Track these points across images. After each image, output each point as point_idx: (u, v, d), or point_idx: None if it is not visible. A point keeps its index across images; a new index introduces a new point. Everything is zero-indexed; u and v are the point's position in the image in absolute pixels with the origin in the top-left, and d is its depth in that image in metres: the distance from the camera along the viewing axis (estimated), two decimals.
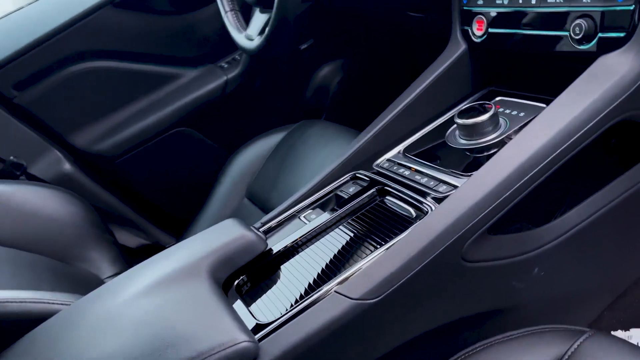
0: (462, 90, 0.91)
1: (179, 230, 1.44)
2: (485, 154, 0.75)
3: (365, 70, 1.67)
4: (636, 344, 0.76)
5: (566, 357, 0.59)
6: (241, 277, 0.71)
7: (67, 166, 1.41)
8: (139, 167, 1.46)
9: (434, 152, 0.82)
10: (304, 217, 0.80)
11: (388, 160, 0.85)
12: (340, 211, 0.77)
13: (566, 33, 0.72)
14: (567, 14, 0.72)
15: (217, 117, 1.52)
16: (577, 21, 0.70)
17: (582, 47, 0.70)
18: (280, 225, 0.81)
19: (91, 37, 1.37)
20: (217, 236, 0.73)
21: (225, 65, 1.52)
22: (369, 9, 1.15)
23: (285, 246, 0.75)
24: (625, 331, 0.79)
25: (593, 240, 0.73)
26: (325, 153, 1.19)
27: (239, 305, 0.68)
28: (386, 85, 1.73)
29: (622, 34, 0.66)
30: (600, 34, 0.68)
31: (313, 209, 0.82)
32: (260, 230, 0.80)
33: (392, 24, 1.41)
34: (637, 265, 0.78)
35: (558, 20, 0.73)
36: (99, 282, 1.20)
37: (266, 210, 1.25)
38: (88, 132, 1.42)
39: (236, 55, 1.54)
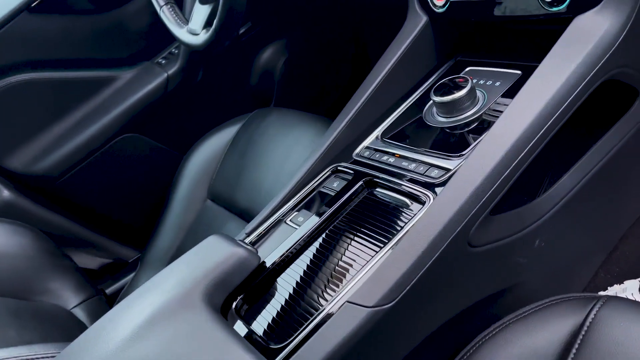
0: (428, 64, 0.88)
1: (141, 241, 1.36)
2: (470, 129, 0.73)
3: (309, 47, 1.61)
4: (631, 294, 0.78)
5: (585, 327, 0.59)
6: (238, 298, 0.66)
7: (5, 193, 1.29)
8: (87, 182, 1.36)
9: (414, 133, 0.79)
10: (290, 221, 0.76)
11: (367, 148, 0.81)
12: (329, 210, 0.73)
13: None
14: None
15: (162, 117, 1.43)
16: None
17: (554, 9, 0.68)
18: (267, 233, 0.76)
19: (10, 48, 1.24)
20: (205, 257, 0.67)
21: (163, 62, 1.42)
22: None
23: (279, 257, 0.70)
24: (620, 285, 0.80)
25: (586, 203, 0.72)
26: (288, 142, 1.14)
27: (242, 329, 0.63)
28: (333, 60, 1.69)
29: None
30: None
31: (299, 210, 0.77)
32: (246, 241, 0.75)
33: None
34: (624, 219, 0.79)
35: None
36: (67, 314, 1.11)
37: (233, 210, 1.20)
38: (24, 153, 1.30)
39: (173, 49, 1.44)
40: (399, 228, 0.64)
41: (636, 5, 0.63)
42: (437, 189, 0.66)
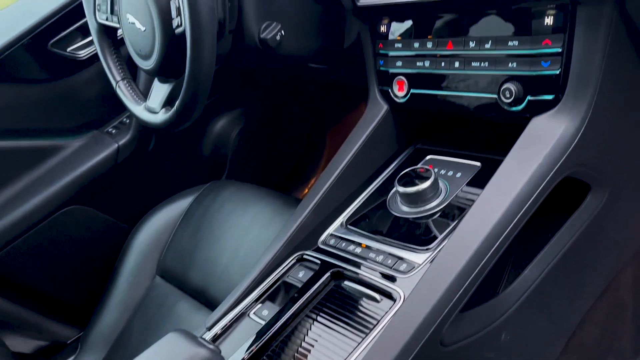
0: (389, 151, 0.90)
1: (83, 320, 1.27)
2: (434, 220, 0.74)
3: (265, 117, 1.62)
4: None
5: None
6: None
7: None
8: (25, 258, 1.27)
9: (378, 221, 0.79)
10: (255, 314, 0.73)
11: (332, 235, 0.81)
12: (296, 304, 0.71)
13: (494, 96, 0.73)
14: (494, 77, 0.73)
15: (111, 188, 1.37)
16: (506, 85, 0.71)
17: (513, 109, 0.72)
18: (230, 327, 0.73)
19: None
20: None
21: (114, 131, 1.38)
22: (273, 64, 1.11)
23: (244, 356, 0.67)
24: None
25: (548, 292, 0.74)
26: (246, 219, 1.12)
27: None
28: (288, 133, 1.70)
29: (551, 97, 0.68)
30: (529, 97, 0.70)
31: (263, 302, 0.75)
32: (208, 337, 0.71)
33: (293, 73, 1.39)
34: (582, 304, 0.82)
35: (485, 82, 0.74)
36: None
37: (185, 289, 1.15)
38: None
39: (124, 119, 1.40)
40: (370, 326, 0.63)
41: (589, 110, 0.67)
42: (407, 285, 0.66)
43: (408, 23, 0.82)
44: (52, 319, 1.33)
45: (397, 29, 0.84)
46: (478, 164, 0.79)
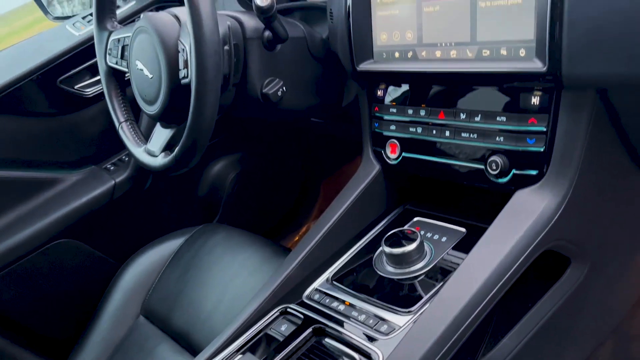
0: (378, 209, 0.93)
1: (64, 355, 1.26)
2: (418, 282, 0.76)
3: (261, 165, 1.65)
4: None
5: None
6: None
7: None
8: (12, 288, 1.27)
9: (363, 280, 0.81)
10: None
11: (317, 290, 0.82)
12: (276, 358, 0.71)
13: (482, 167, 0.76)
14: (482, 148, 0.76)
15: (105, 224, 1.38)
16: (493, 157, 0.74)
17: (499, 180, 0.75)
18: None
19: None
20: None
21: (112, 168, 1.41)
22: (274, 117, 1.15)
23: None
24: None
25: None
26: (234, 265, 1.13)
27: None
28: (283, 181, 1.73)
29: (535, 172, 0.71)
30: (514, 170, 0.73)
31: (243, 353, 0.75)
32: None
33: (292, 123, 1.43)
34: None
35: (473, 153, 0.77)
36: None
37: (167, 331, 1.15)
38: None
39: (123, 156, 1.43)
40: None
41: (571, 187, 0.70)
42: (387, 347, 0.67)
43: (404, 89, 0.86)
44: (32, 352, 1.31)
45: (393, 94, 0.88)
46: (463, 229, 0.82)
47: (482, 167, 0.76)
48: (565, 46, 0.63)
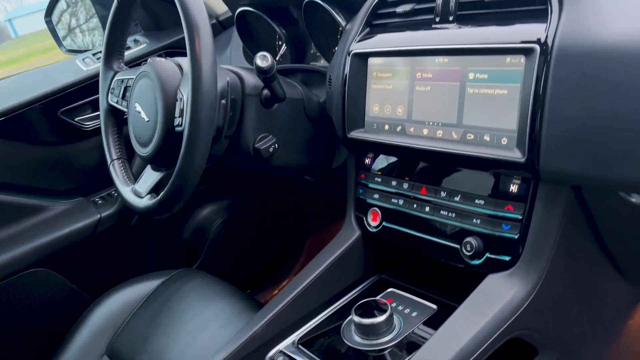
0: (354, 274, 0.93)
1: None
2: (383, 356, 0.75)
3: (248, 214, 1.66)
4: None
5: None
6: None
7: None
8: None
9: (329, 348, 0.80)
10: None
11: (282, 352, 0.81)
12: None
13: (457, 246, 0.77)
14: (458, 228, 0.77)
15: (83, 257, 1.38)
16: (469, 238, 0.75)
17: (472, 262, 0.76)
18: None
19: None
20: None
21: (100, 201, 1.41)
22: (264, 171, 1.16)
23: None
24: None
25: None
26: (206, 314, 1.12)
27: None
28: (268, 234, 1.73)
29: (508, 258, 0.72)
30: (488, 254, 0.74)
31: None
32: None
33: (283, 179, 1.44)
34: None
35: (450, 231, 0.79)
36: None
37: None
38: None
39: (112, 191, 1.44)
40: None
41: (541, 277, 0.70)
42: None
43: (391, 161, 0.88)
44: None
45: (380, 164, 0.90)
46: (435, 306, 0.82)
47: (458, 246, 0.77)
48: (544, 141, 0.65)
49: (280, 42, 1.30)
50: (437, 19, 0.80)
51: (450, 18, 0.78)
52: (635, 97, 0.57)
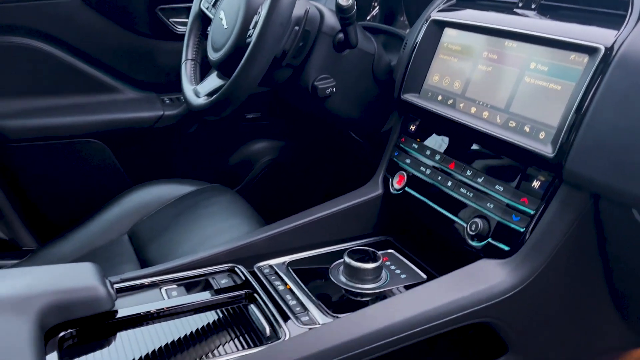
0: (363, 228, 0.95)
1: (48, 236, 1.34)
2: (358, 300, 0.78)
3: (297, 159, 1.69)
4: None
5: None
6: (69, 330, 0.67)
7: None
8: (35, 160, 1.37)
9: (315, 277, 0.83)
10: (165, 290, 0.78)
11: (270, 266, 0.85)
12: (202, 300, 0.75)
13: (464, 225, 0.78)
14: (471, 208, 0.78)
15: (136, 144, 1.48)
16: (475, 219, 0.76)
17: (473, 242, 0.76)
18: (139, 288, 0.78)
19: (45, 18, 1.33)
20: (66, 278, 0.68)
21: (167, 101, 1.50)
22: (316, 112, 1.19)
23: (133, 314, 0.71)
24: None
25: None
26: (219, 227, 1.18)
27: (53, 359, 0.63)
28: (309, 183, 1.77)
29: (507, 248, 0.72)
30: (490, 240, 0.74)
31: (178, 285, 0.79)
32: (115, 286, 0.76)
33: (335, 134, 1.47)
34: None
35: (463, 210, 0.79)
36: None
37: (139, 255, 1.20)
38: None
39: (181, 96, 1.52)
40: (244, 347, 0.66)
41: (531, 276, 0.70)
42: (296, 331, 0.69)
43: (432, 130, 0.89)
44: (23, 221, 1.41)
45: (421, 131, 0.91)
46: (425, 276, 0.83)
47: (465, 225, 0.78)
48: (577, 143, 0.64)
49: (375, 3, 1.32)
50: (520, 4, 0.79)
51: (533, 6, 0.78)
52: None
